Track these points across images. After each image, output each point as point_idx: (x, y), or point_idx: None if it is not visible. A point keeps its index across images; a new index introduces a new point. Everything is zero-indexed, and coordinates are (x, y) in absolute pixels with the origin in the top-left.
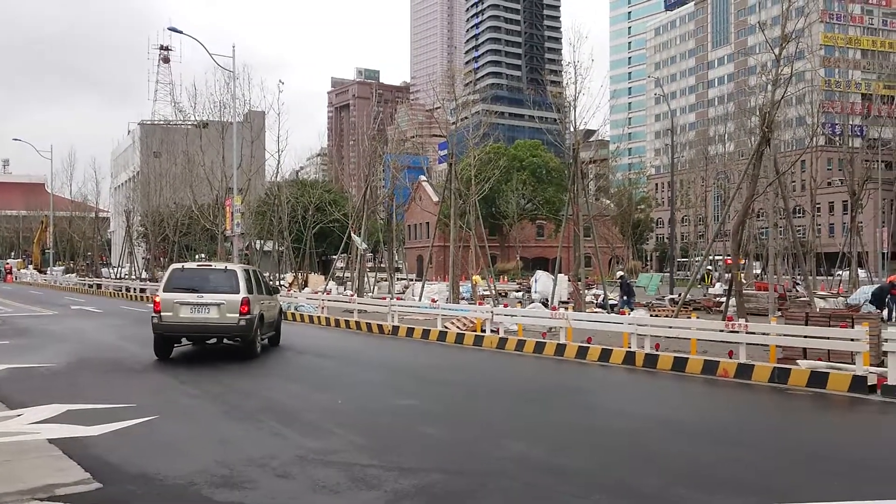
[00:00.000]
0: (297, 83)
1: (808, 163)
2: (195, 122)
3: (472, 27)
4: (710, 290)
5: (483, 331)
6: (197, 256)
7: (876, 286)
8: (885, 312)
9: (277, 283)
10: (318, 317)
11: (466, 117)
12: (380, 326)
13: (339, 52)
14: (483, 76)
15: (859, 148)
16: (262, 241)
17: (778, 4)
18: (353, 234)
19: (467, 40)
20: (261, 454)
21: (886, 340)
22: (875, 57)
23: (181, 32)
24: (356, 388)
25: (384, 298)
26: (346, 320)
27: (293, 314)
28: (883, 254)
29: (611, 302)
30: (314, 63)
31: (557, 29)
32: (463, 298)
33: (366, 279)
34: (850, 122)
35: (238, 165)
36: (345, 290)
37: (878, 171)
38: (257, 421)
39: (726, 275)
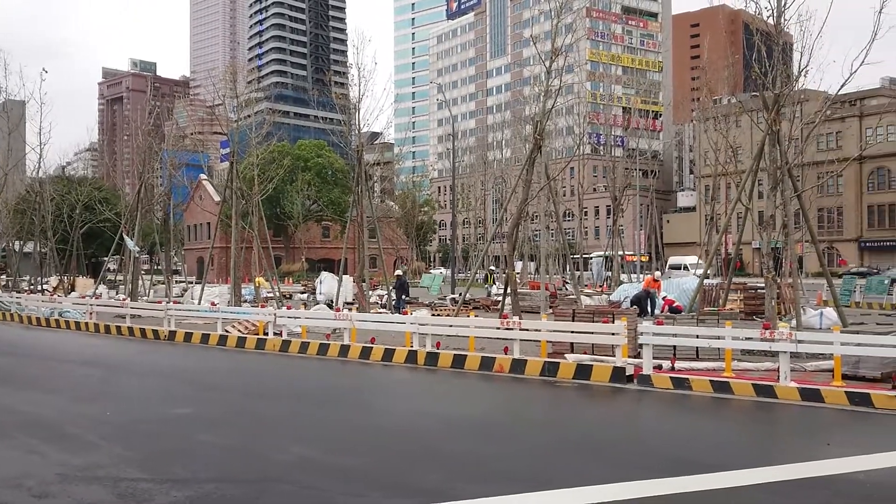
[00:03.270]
0: (65, 73)
1: (577, 169)
2: None
3: (255, 23)
4: (493, 290)
5: (266, 333)
6: None
7: (633, 295)
8: (643, 310)
9: (39, 287)
10: (87, 323)
11: (249, 115)
12: (155, 332)
13: (112, 41)
14: (267, 74)
15: (620, 157)
16: (22, 242)
17: (550, 20)
18: (125, 236)
19: (251, 37)
20: (15, 474)
21: (642, 334)
22: (634, 74)
23: None
24: (127, 397)
25: (160, 302)
26: (117, 326)
27: (57, 321)
28: (607, 256)
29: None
30: (84, 52)
31: (343, 31)
32: (245, 301)
33: (141, 282)
34: (613, 133)
35: None
36: (117, 294)
37: (636, 179)
38: (11, 438)
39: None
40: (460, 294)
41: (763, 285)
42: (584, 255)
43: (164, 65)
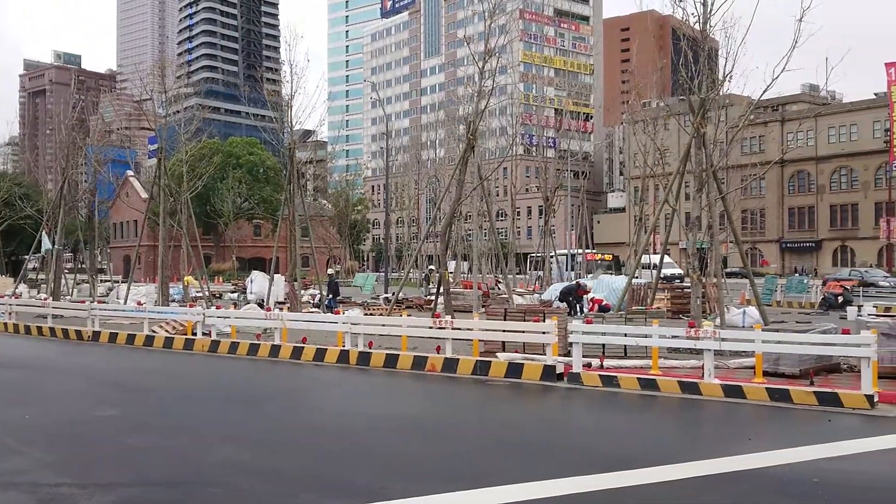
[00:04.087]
0: None
1: (509, 170)
2: None
3: (185, 17)
4: (432, 289)
5: (194, 334)
6: None
7: (564, 285)
8: (572, 309)
9: None
10: (5, 324)
11: (179, 111)
12: (78, 332)
13: (33, 32)
14: (197, 69)
15: (552, 158)
16: None
17: (483, 21)
18: (44, 235)
19: (180, 31)
20: None
21: (571, 332)
22: (566, 76)
23: None
24: (48, 400)
25: (83, 302)
26: (38, 327)
27: None
28: (572, 255)
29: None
30: (4, 43)
31: (276, 27)
32: (173, 301)
33: (64, 281)
34: (545, 134)
35: None
36: (38, 293)
37: (567, 180)
38: None
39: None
40: (393, 293)
41: (689, 285)
42: (540, 255)
43: (90, 58)
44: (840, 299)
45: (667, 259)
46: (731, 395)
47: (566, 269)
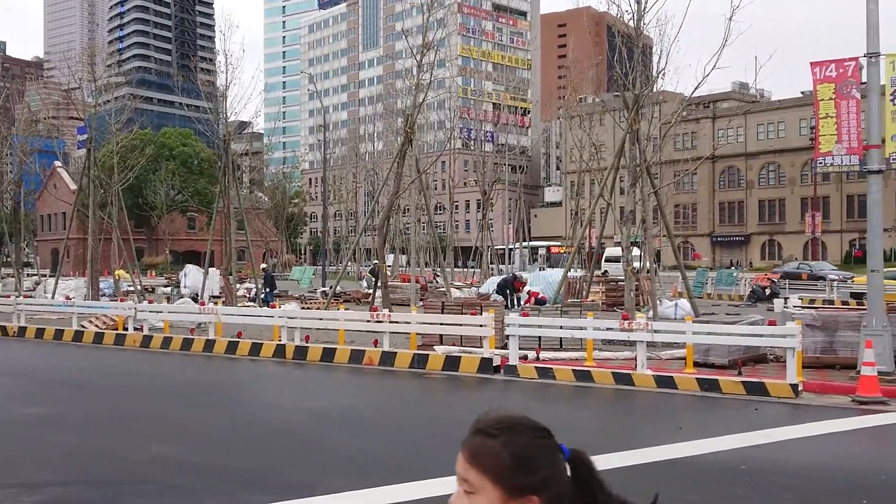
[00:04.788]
0: None
1: (448, 163)
2: None
3: (116, 4)
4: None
5: (126, 329)
6: None
7: (501, 277)
8: (508, 301)
9: None
10: None
11: (109, 101)
12: (3, 328)
13: None
14: (129, 58)
15: (490, 152)
16: None
17: (422, 14)
18: None
19: (111, 18)
20: None
21: (508, 325)
22: (504, 71)
23: None
24: None
25: (8, 297)
26: None
27: None
28: (510, 249)
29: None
30: None
31: (211, 16)
32: (104, 295)
33: None
34: (483, 129)
35: None
36: None
37: (505, 174)
38: None
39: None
40: (331, 287)
41: (623, 277)
42: (498, 248)
43: (15, 44)
44: (767, 292)
45: (635, 252)
46: (663, 386)
47: (528, 263)
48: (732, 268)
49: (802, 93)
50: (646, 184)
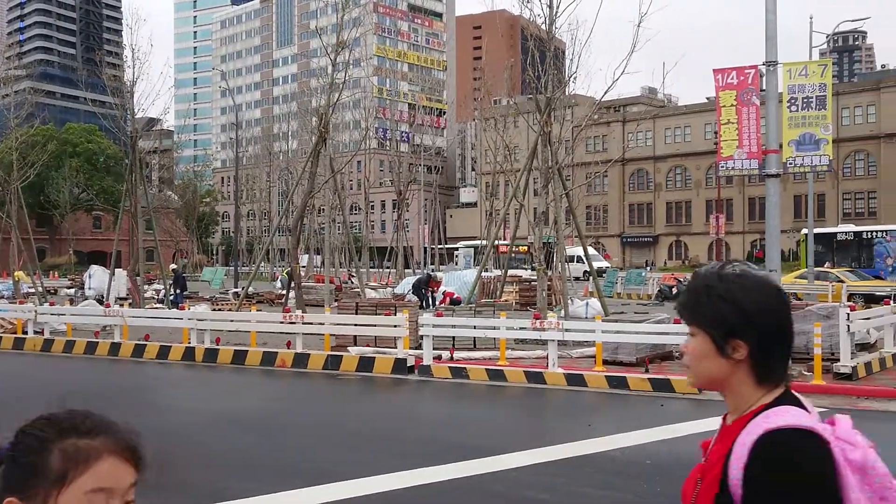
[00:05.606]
0: None
1: (363, 163)
2: None
3: None
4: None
5: (25, 332)
6: None
7: (416, 277)
8: (424, 301)
9: None
10: None
11: (8, 94)
12: None
13: None
14: (30, 50)
15: (406, 152)
16: None
17: (336, 13)
18: None
19: (11, 8)
20: None
21: (422, 326)
22: (419, 71)
23: None
24: None
25: None
26: None
27: None
28: (425, 248)
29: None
30: None
31: (117, 9)
32: (1, 297)
33: None
34: (399, 129)
35: None
36: None
37: (421, 174)
38: None
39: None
40: (243, 288)
41: (536, 278)
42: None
43: None
44: (674, 290)
45: (592, 251)
46: (573, 384)
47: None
48: (647, 268)
49: (707, 98)
50: (558, 185)
